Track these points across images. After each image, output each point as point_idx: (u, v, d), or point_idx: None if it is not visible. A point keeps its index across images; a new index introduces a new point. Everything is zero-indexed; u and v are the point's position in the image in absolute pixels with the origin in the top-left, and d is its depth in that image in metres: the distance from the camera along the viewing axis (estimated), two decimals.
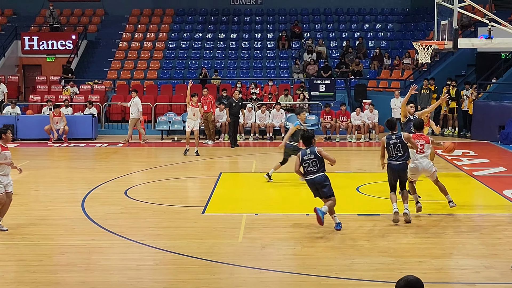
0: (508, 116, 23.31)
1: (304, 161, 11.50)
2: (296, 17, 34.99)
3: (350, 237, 11.00)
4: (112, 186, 15.80)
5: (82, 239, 10.99)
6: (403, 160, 11.95)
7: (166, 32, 34.18)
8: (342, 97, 28.41)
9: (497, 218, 12.47)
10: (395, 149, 11.90)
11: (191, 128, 20.68)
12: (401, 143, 11.86)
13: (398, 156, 11.89)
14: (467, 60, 28.70)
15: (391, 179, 12.11)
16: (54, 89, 28.60)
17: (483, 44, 13.91)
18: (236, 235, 11.15)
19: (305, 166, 11.51)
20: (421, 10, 34.25)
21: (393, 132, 12.11)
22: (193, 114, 20.70)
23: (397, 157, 11.90)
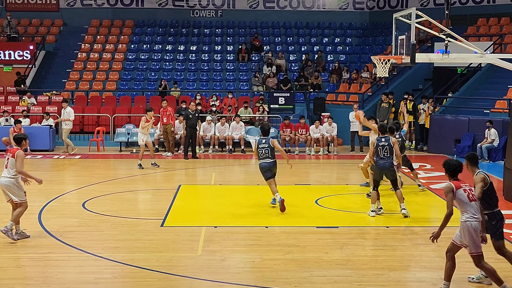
0: (463, 130, 23.73)
1: (259, 148, 14.03)
2: (256, 30, 35.15)
3: (309, 250, 11.04)
4: (70, 198, 15.63)
5: (38, 252, 10.82)
6: (389, 160, 13.48)
7: (125, 44, 34.00)
8: (301, 110, 28.59)
9: (453, 231, 12.50)
10: (383, 151, 13.44)
11: (144, 142, 20.53)
12: (388, 145, 13.43)
13: (385, 156, 13.44)
14: (424, 74, 29.18)
15: (376, 176, 13.65)
16: (11, 100, 28.20)
17: (440, 59, 14.16)
18: (195, 247, 11.11)
19: (259, 152, 14.07)
20: (379, 25, 34.70)
21: (383, 135, 13.60)
22: (147, 129, 20.56)
23: (384, 157, 13.44)
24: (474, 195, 8.67)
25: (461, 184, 8.76)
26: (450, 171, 8.96)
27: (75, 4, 35.44)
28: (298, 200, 15.31)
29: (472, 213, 8.58)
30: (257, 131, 25.81)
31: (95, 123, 26.99)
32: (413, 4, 32.21)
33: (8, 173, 11.58)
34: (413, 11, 13.20)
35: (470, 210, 8.59)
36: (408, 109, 25.76)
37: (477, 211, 8.61)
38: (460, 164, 9.04)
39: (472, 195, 8.69)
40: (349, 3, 35.90)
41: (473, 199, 8.66)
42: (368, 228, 12.74)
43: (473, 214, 8.57)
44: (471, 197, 8.67)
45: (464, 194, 8.68)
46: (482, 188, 8.80)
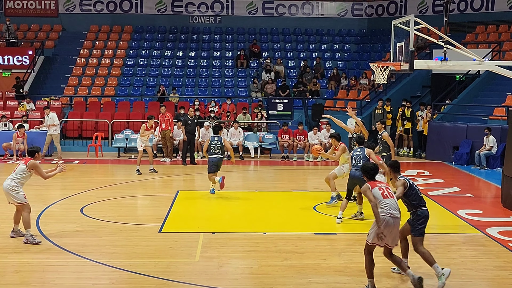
0: (462, 137, 23.75)
1: (211, 144, 16.48)
2: (254, 36, 35.20)
3: (307, 256, 11.04)
4: (68, 203, 15.62)
5: (36, 257, 10.81)
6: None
7: (124, 49, 34.03)
8: (300, 117, 28.61)
9: (451, 238, 12.66)
10: (356, 159, 13.80)
11: (143, 147, 20.51)
12: (362, 155, 13.80)
13: (358, 166, 13.45)
14: (423, 81, 29.23)
15: (349, 184, 14.05)
16: (10, 105, 28.20)
17: (439, 66, 14.15)
18: (193, 253, 11.10)
19: (212, 149, 16.49)
20: (378, 31, 34.78)
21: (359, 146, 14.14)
22: (147, 137, 20.57)
23: (357, 166, 13.56)
24: (390, 193, 9.44)
25: (376, 183, 9.59)
26: (367, 173, 9.80)
27: (74, 10, 35.50)
28: (296, 207, 15.31)
29: (387, 209, 9.29)
30: (255, 137, 25.84)
31: (94, 128, 26.99)
32: (412, 11, 32.29)
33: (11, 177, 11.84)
34: (412, 18, 13.22)
35: (385, 206, 9.31)
36: (406, 116, 25.85)
37: (391, 208, 9.30)
38: (376, 167, 9.94)
39: (388, 193, 9.43)
40: (348, 10, 35.96)
41: (387, 196, 9.38)
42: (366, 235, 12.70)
43: (388, 210, 9.29)
44: (386, 194, 9.40)
45: (379, 192, 9.42)
46: (402, 191, 9.71)
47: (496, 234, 12.73)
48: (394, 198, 9.46)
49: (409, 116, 25.90)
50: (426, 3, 33.31)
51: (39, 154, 12.29)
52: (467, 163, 23.05)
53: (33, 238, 11.60)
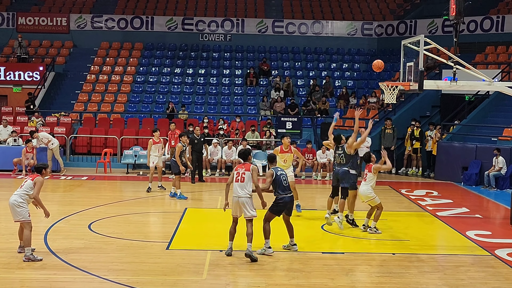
0: (471, 158, 23.67)
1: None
2: (264, 55, 35.33)
3: (314, 276, 11.00)
4: (76, 219, 15.62)
5: (43, 273, 10.81)
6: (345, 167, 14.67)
7: (134, 66, 34.21)
8: (308, 135, 28.61)
9: (460, 259, 12.59)
10: (339, 158, 14.73)
11: (155, 164, 20.44)
12: (344, 153, 14.70)
13: (341, 164, 14.69)
14: (432, 101, 29.19)
15: (333, 181, 15.12)
16: (20, 120, 28.34)
17: (448, 86, 14.14)
18: (201, 271, 11.08)
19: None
20: (387, 51, 34.83)
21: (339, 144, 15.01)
22: (157, 151, 20.52)
23: (340, 164, 14.67)
24: (243, 178, 11.93)
25: (238, 167, 12.17)
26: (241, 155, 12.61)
27: (85, 26, 35.73)
28: (304, 225, 15.27)
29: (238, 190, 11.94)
30: (264, 155, 25.83)
31: (103, 144, 27.06)
32: (421, 31, 32.33)
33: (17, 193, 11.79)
34: (422, 38, 13.24)
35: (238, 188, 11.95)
36: (415, 136, 25.80)
37: (243, 189, 11.92)
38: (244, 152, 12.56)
39: (242, 177, 11.94)
40: (358, 29, 36.05)
41: (237, 180, 11.97)
42: (374, 255, 12.68)
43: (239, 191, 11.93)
44: (238, 178, 11.97)
45: (234, 174, 12.04)
46: (270, 181, 12.27)
47: (505, 255, 12.65)
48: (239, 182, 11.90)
49: (418, 136, 25.85)
50: (436, 23, 33.36)
51: (46, 171, 12.31)
52: (476, 183, 22.95)
53: (34, 256, 11.53)
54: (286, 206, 12.43)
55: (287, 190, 12.36)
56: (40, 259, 11.52)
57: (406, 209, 18.14)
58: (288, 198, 12.36)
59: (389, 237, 14.27)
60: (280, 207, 12.33)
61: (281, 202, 12.28)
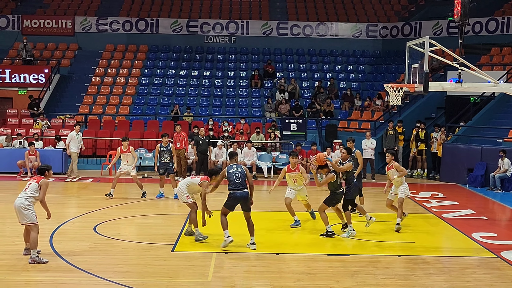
0: (476, 159, 23.62)
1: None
2: (269, 57, 35.33)
3: (319, 278, 10.99)
4: (81, 221, 15.64)
5: (49, 275, 10.83)
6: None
7: (139, 68, 34.25)
8: (313, 137, 28.60)
9: (465, 261, 12.56)
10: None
11: (122, 171, 19.63)
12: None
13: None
14: (437, 102, 29.15)
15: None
16: (25, 123, 28.41)
17: (453, 87, 14.12)
18: (206, 273, 11.08)
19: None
20: (392, 53, 34.80)
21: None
22: (126, 161, 19.69)
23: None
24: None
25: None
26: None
27: (90, 29, 35.80)
28: (309, 227, 15.26)
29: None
30: (269, 157, 25.84)
31: (108, 146, 27.09)
32: (426, 32, 32.28)
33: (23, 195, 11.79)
34: (427, 40, 13.23)
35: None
36: (420, 137, 25.76)
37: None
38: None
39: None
40: (362, 31, 36.04)
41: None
42: (379, 257, 12.66)
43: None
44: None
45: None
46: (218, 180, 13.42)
47: (511, 257, 12.63)
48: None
49: (423, 137, 25.82)
50: (441, 25, 33.32)
51: (49, 172, 12.36)
52: (481, 185, 22.91)
53: (40, 258, 11.58)
54: (237, 201, 12.97)
55: (239, 187, 12.93)
56: (45, 261, 11.54)
57: (411, 211, 18.09)
58: (238, 194, 12.88)
59: (395, 239, 14.25)
60: (231, 201, 13.01)
61: (231, 197, 12.97)
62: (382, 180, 24.55)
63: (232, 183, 13.01)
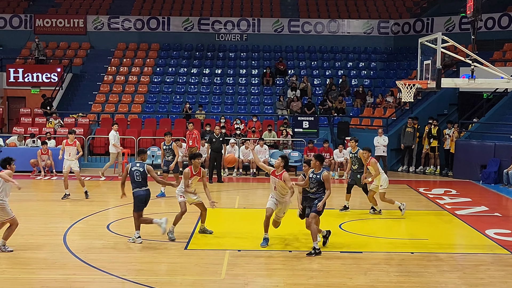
0: (489, 156, 23.52)
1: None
2: (280, 54, 35.30)
3: (332, 275, 10.98)
4: (95, 220, 15.71)
5: (63, 274, 10.89)
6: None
7: (151, 67, 34.31)
8: (325, 134, 28.56)
9: (479, 257, 12.51)
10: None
11: (68, 169, 18.80)
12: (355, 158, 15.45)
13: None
14: (449, 99, 29.02)
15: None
16: (38, 121, 28.54)
17: (466, 84, 14.05)
18: (219, 271, 11.10)
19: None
20: (404, 49, 34.69)
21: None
22: (68, 154, 18.82)
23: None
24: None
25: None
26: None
27: (102, 28, 35.90)
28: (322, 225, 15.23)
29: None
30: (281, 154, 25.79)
31: (120, 145, 27.12)
32: (438, 29, 32.12)
33: None
34: (439, 36, 13.16)
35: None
36: (432, 134, 25.69)
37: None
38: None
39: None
40: (374, 28, 35.93)
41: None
42: (392, 254, 12.64)
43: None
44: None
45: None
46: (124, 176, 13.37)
47: None
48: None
49: (436, 134, 25.73)
50: (453, 20, 33.17)
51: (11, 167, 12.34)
52: (495, 182, 22.80)
53: (6, 248, 12.01)
54: (138, 200, 13.15)
55: (139, 185, 13.16)
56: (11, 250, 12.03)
57: (424, 208, 18.06)
58: (136, 193, 13.16)
59: (408, 236, 14.23)
60: (134, 201, 13.19)
61: (134, 196, 13.19)
62: (394, 177, 24.53)
63: (133, 182, 13.30)
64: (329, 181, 12.51)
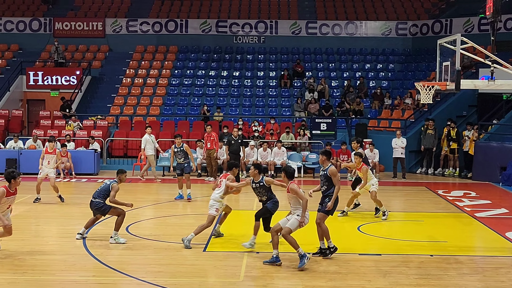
0: (509, 157, 23.35)
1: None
2: (298, 56, 35.30)
3: (351, 277, 10.96)
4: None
5: (82, 275, 10.96)
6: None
7: (169, 69, 34.44)
8: (343, 136, 28.50)
9: (499, 260, 12.43)
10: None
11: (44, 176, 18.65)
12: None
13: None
14: (468, 100, 28.85)
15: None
16: (57, 124, 28.73)
17: (486, 85, 13.97)
18: (238, 273, 11.11)
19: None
20: (422, 50, 34.55)
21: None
22: (47, 162, 18.71)
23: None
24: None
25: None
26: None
27: (120, 30, 36.12)
28: (340, 227, 15.22)
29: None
30: (299, 156, 25.82)
31: (139, 147, 27.22)
32: (457, 30, 31.99)
33: None
34: (458, 37, 13.10)
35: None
36: (452, 136, 25.55)
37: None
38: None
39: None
40: (392, 29, 35.83)
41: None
42: (411, 256, 12.58)
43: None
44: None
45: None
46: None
47: None
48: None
49: (455, 136, 25.60)
50: (472, 21, 32.98)
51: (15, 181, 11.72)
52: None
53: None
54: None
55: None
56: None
57: (443, 210, 17.97)
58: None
59: (427, 238, 14.15)
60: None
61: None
62: (413, 179, 24.43)
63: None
64: (336, 175, 12.33)
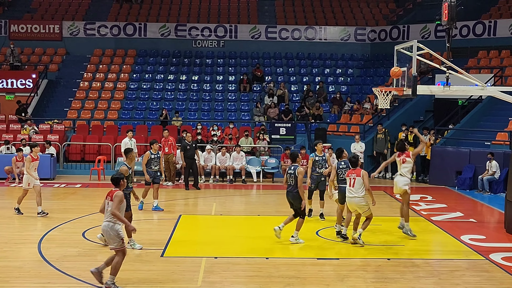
0: (465, 162, 23.70)
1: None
2: (257, 61, 35.34)
3: (309, 282, 10.98)
4: (70, 227, 15.56)
5: (37, 282, 10.78)
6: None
7: (127, 73, 34.17)
8: (303, 141, 28.60)
9: (455, 263, 12.59)
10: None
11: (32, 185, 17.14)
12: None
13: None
14: (425, 106, 29.24)
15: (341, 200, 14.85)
16: (13, 128, 28.25)
17: (441, 91, 14.17)
18: (196, 278, 11.05)
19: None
20: (381, 56, 34.90)
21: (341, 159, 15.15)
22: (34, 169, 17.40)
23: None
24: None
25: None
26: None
27: (78, 34, 35.70)
28: (299, 231, 15.23)
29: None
30: (258, 161, 25.83)
31: (96, 152, 26.99)
32: (414, 36, 32.42)
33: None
34: (415, 44, 13.26)
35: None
36: (409, 141, 25.81)
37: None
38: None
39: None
40: (351, 35, 36.12)
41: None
42: (369, 260, 12.67)
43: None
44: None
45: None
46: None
47: (499, 260, 12.67)
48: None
49: (412, 141, 25.87)
50: (429, 28, 33.43)
51: (124, 182, 11.03)
52: (470, 188, 22.98)
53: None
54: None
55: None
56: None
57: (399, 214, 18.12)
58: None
59: (384, 242, 14.26)
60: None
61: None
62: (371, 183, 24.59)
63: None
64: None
